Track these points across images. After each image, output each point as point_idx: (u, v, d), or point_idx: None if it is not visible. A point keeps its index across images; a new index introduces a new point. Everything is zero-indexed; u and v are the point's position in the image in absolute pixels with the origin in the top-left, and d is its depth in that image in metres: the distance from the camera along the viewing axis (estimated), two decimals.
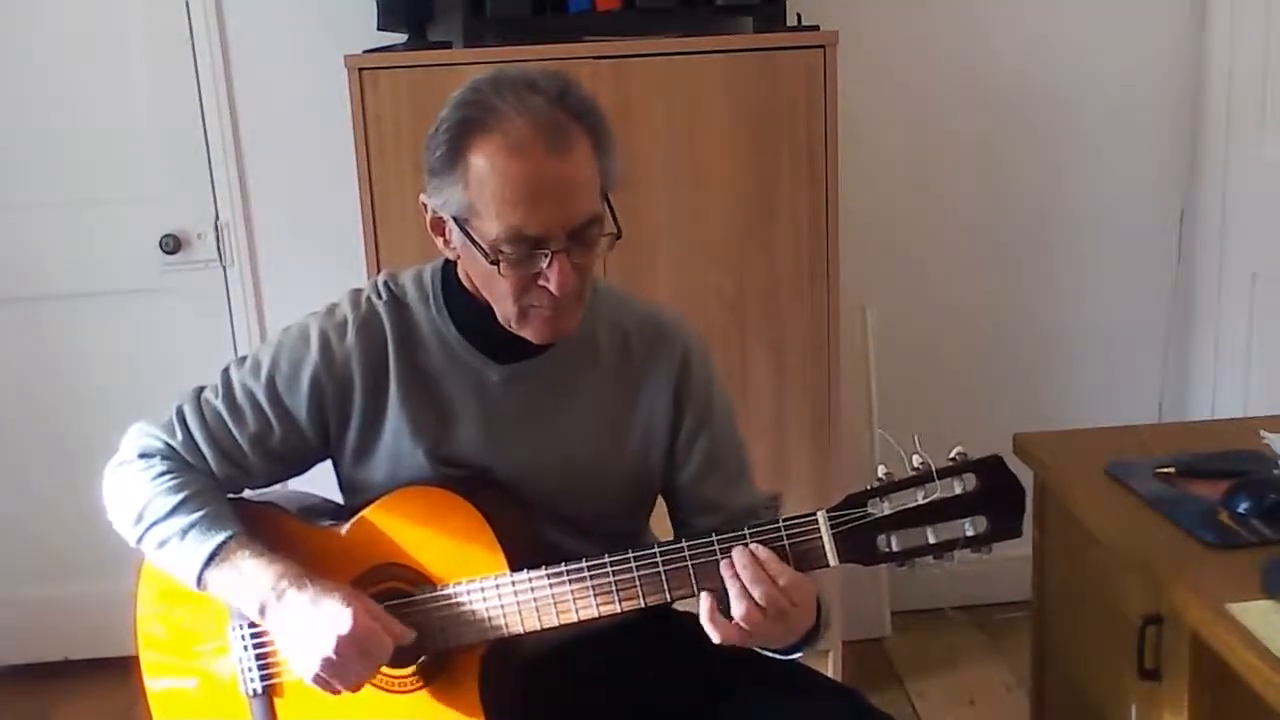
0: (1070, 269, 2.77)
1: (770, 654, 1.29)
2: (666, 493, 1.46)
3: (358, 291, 1.40)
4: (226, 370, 1.38)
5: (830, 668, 2.43)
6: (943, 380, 2.78)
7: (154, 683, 1.43)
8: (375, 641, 1.23)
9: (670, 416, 1.40)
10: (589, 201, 1.22)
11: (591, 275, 1.30)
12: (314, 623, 1.23)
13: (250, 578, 1.27)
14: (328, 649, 1.22)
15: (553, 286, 1.22)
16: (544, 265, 1.21)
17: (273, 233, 2.64)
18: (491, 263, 1.22)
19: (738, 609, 1.18)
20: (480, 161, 1.19)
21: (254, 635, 1.36)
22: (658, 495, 1.47)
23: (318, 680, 1.25)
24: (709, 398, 1.42)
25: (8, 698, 2.70)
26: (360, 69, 2.16)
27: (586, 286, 1.29)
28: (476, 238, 1.22)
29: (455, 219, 1.24)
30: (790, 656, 1.30)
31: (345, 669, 1.23)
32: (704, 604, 1.20)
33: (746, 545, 1.20)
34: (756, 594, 1.17)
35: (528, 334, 1.29)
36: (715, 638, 1.20)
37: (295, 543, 1.32)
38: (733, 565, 1.19)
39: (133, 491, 1.33)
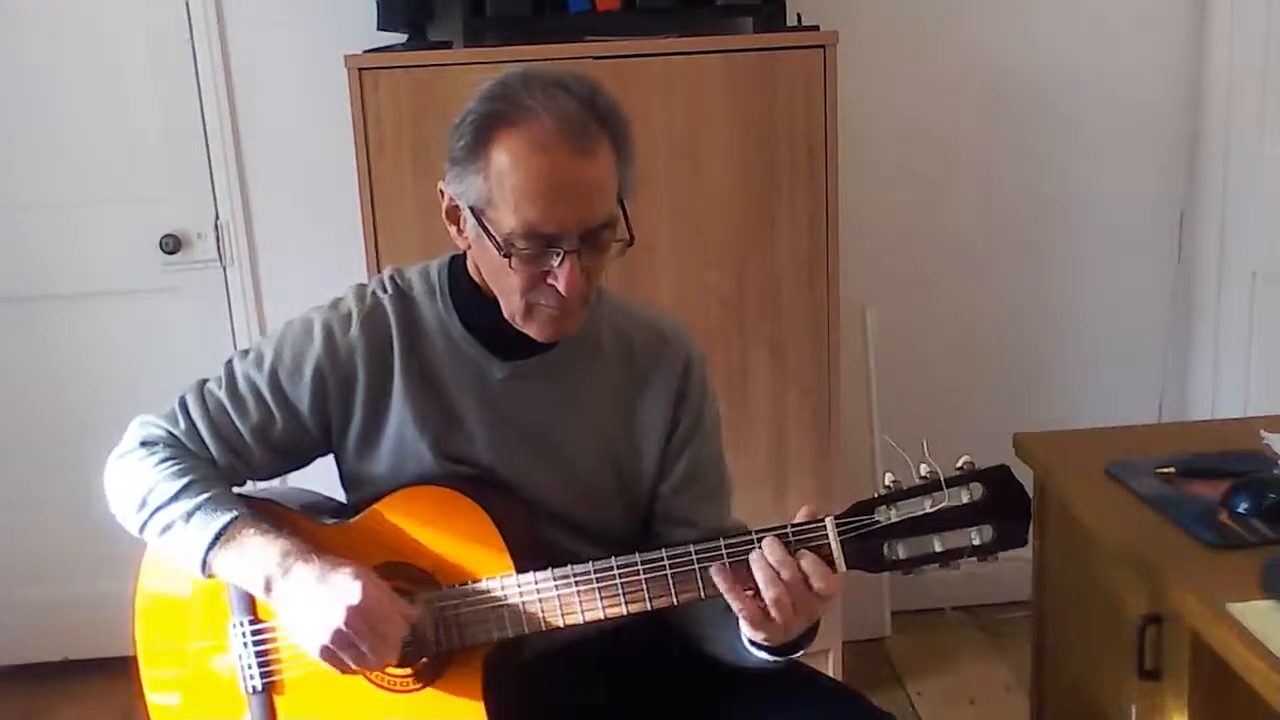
0: (1070, 269, 2.77)
1: (769, 656, 1.27)
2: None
3: (363, 286, 1.40)
4: (230, 361, 1.38)
5: (830, 668, 2.44)
6: (943, 380, 2.78)
7: (153, 681, 1.43)
8: (385, 615, 1.22)
9: (666, 423, 1.40)
10: (606, 205, 1.23)
11: (599, 280, 1.30)
12: (323, 595, 1.23)
13: (255, 555, 1.27)
14: (338, 620, 1.21)
15: (561, 286, 1.22)
16: (554, 264, 1.22)
17: (273, 233, 2.64)
18: (503, 255, 1.22)
19: (768, 594, 1.17)
20: (503, 154, 1.20)
21: (254, 632, 1.36)
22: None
23: (325, 653, 1.23)
24: (702, 410, 1.42)
25: (8, 698, 2.70)
26: (360, 69, 2.16)
27: (593, 290, 1.29)
28: (491, 229, 1.23)
29: (472, 209, 1.24)
30: (790, 656, 1.28)
31: (356, 641, 1.22)
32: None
33: (787, 541, 1.19)
34: (786, 575, 1.17)
35: (532, 331, 1.29)
36: (735, 606, 1.18)
37: (298, 539, 1.32)
38: (763, 555, 1.18)
39: (135, 479, 1.33)
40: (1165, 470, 1.61)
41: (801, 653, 1.28)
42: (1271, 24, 2.47)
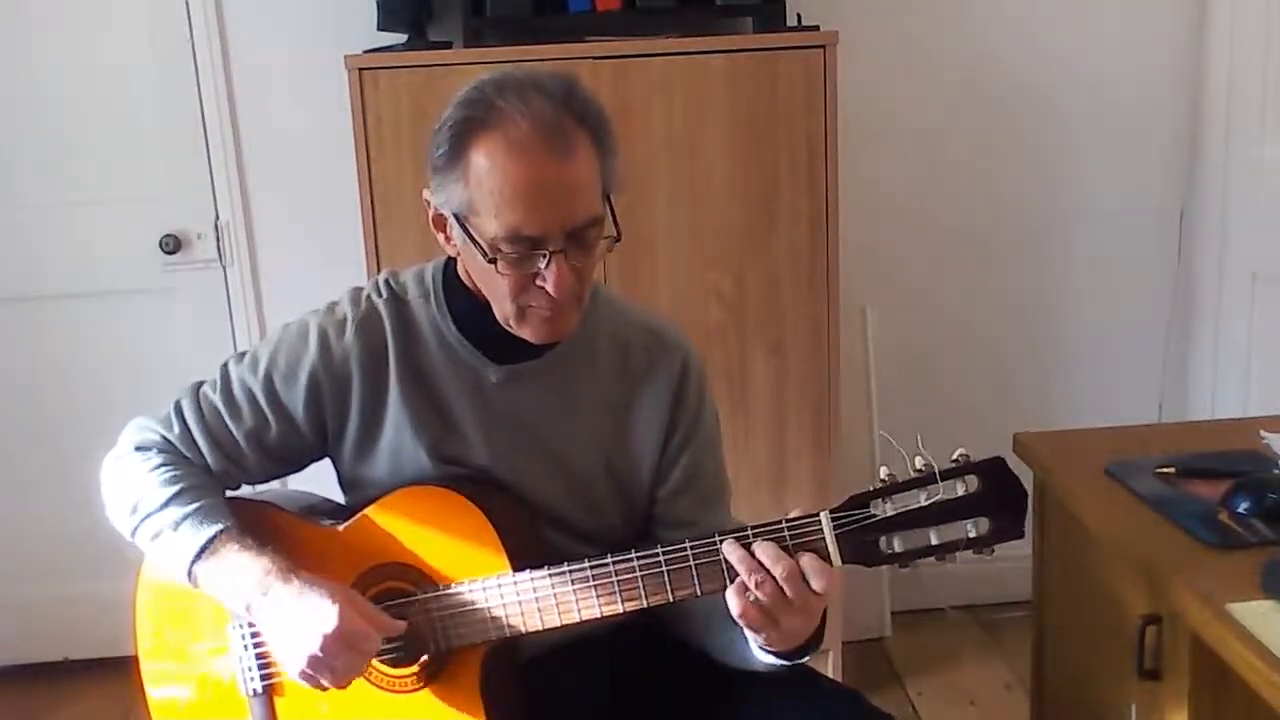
0: (1070, 268, 2.77)
1: (776, 660, 1.27)
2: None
3: (358, 290, 1.40)
4: (225, 365, 1.38)
5: (830, 668, 2.44)
6: (942, 380, 2.78)
7: (153, 683, 1.43)
8: (361, 637, 1.23)
9: (663, 428, 1.39)
10: (588, 204, 1.22)
11: (591, 278, 1.29)
12: (299, 619, 1.23)
13: (238, 572, 1.27)
14: (314, 646, 1.21)
15: (550, 287, 1.22)
16: (542, 266, 1.22)
17: (273, 233, 2.64)
18: (489, 261, 1.22)
19: (750, 583, 1.16)
20: (481, 160, 1.19)
21: (254, 634, 1.35)
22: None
23: (304, 677, 1.24)
24: (699, 414, 1.41)
25: (8, 698, 2.70)
26: (360, 69, 2.17)
27: (585, 289, 1.28)
28: (475, 235, 1.23)
29: (456, 216, 1.24)
30: (797, 661, 1.27)
31: (332, 665, 1.23)
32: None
33: (782, 536, 1.18)
34: (778, 572, 1.16)
35: (526, 334, 1.29)
36: (734, 609, 1.18)
37: (295, 541, 1.32)
38: (739, 548, 1.18)
39: (128, 484, 1.34)
40: (1165, 470, 1.60)
41: (808, 657, 1.27)
42: (1271, 24, 2.47)
